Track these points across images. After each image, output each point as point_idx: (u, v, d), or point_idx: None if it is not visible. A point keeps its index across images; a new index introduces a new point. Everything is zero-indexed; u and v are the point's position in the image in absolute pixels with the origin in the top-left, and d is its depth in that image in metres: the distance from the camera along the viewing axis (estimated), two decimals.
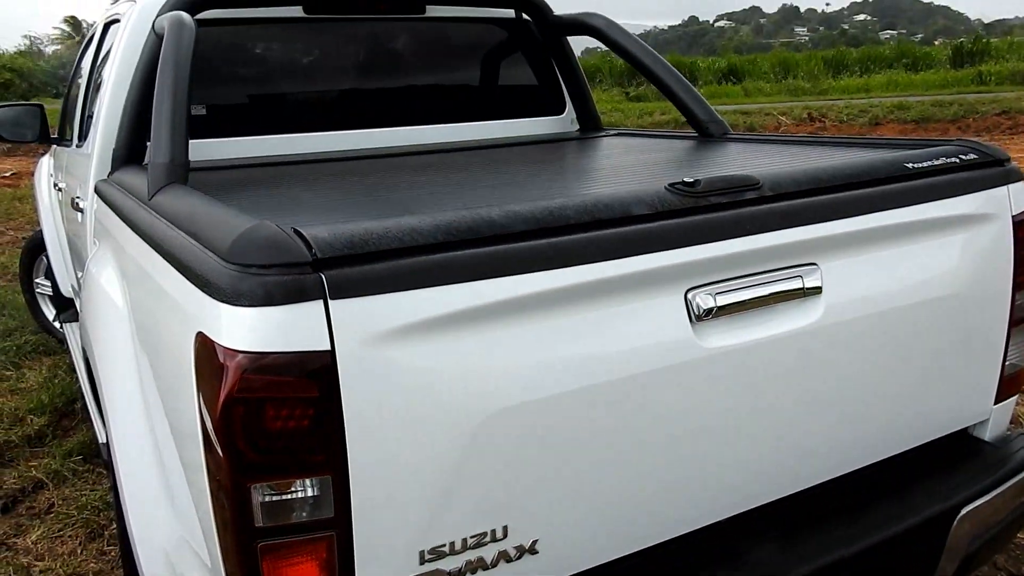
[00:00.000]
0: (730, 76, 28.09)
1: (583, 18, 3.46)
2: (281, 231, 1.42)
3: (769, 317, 1.75)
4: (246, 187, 2.46)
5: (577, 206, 1.63)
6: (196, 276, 1.49)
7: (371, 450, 1.42)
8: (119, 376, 2.05)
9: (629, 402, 1.62)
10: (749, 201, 1.77)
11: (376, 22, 3.45)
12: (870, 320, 1.87)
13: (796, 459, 1.88)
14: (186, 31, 2.42)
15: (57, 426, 4.10)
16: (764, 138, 3.21)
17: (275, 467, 1.40)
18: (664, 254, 1.62)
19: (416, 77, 3.64)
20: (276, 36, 3.37)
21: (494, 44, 3.76)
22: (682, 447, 1.70)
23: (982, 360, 2.11)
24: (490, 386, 1.49)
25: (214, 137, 3.03)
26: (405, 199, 2.12)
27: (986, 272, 2.03)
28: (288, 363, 1.35)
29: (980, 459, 2.16)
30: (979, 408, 2.17)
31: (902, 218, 1.90)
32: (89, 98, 3.47)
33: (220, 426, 1.38)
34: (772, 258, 1.75)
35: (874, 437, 2.00)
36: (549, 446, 1.56)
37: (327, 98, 3.47)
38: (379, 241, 1.43)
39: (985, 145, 2.15)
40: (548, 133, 3.70)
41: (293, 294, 1.35)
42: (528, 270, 1.50)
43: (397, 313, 1.41)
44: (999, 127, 15.81)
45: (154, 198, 2.04)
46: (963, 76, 24.24)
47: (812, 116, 17.14)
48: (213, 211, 1.68)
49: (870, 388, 1.93)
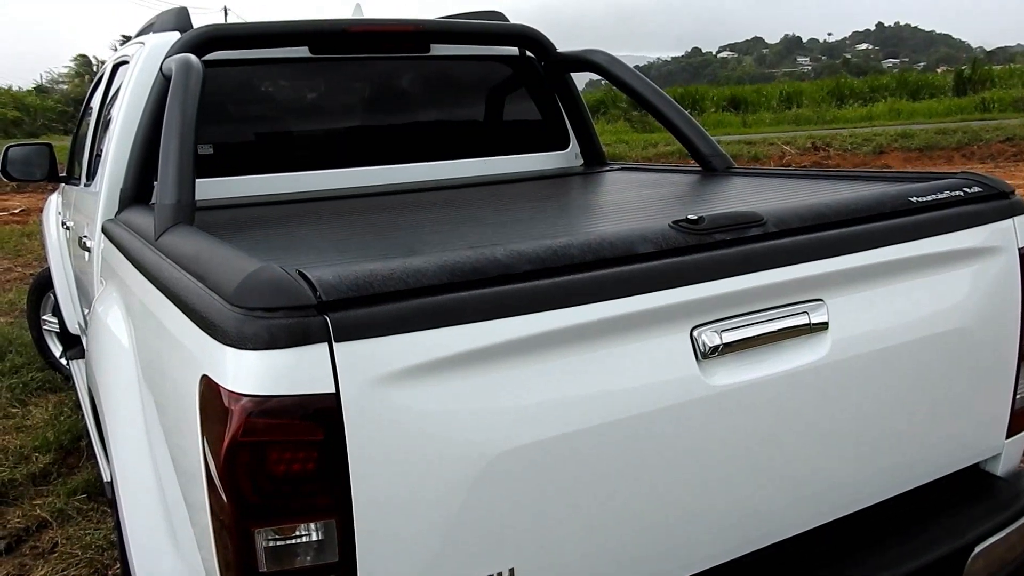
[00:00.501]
0: (733, 106, 28.21)
1: (585, 55, 3.49)
2: (286, 274, 1.42)
3: (776, 354, 1.74)
4: (252, 226, 2.47)
5: (581, 245, 1.63)
6: (201, 319, 1.50)
7: (375, 493, 1.41)
8: (124, 415, 2.05)
9: (636, 441, 1.61)
10: (753, 238, 1.77)
11: (381, 61, 3.49)
12: (877, 355, 1.86)
13: (805, 497, 1.87)
14: (193, 73, 2.45)
15: (62, 464, 4.09)
16: (767, 172, 3.22)
17: (279, 511, 1.40)
18: (669, 292, 1.62)
19: (421, 114, 3.67)
20: (283, 76, 3.40)
21: (498, 81, 3.79)
22: (689, 486, 1.69)
23: (992, 394, 2.09)
24: (496, 427, 1.48)
25: (221, 176, 3.05)
26: (410, 238, 2.12)
27: (994, 305, 2.03)
28: (292, 406, 1.35)
29: (993, 495, 2.13)
30: (991, 443, 2.15)
31: (908, 252, 1.90)
32: (98, 137, 3.50)
33: (224, 470, 1.38)
34: (778, 294, 1.75)
35: (884, 474, 1.98)
36: (556, 487, 1.55)
37: (333, 136, 3.50)
38: (384, 283, 1.43)
39: (989, 178, 2.15)
40: (552, 168, 3.72)
41: (298, 337, 1.35)
42: (533, 310, 1.50)
43: (402, 355, 1.41)
44: (1004, 154, 15.80)
45: (160, 238, 2.05)
46: (966, 104, 24.28)
47: (816, 145, 17.16)
48: (218, 252, 1.69)
49: (879, 424, 1.92)
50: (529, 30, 3.56)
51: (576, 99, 3.76)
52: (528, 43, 3.59)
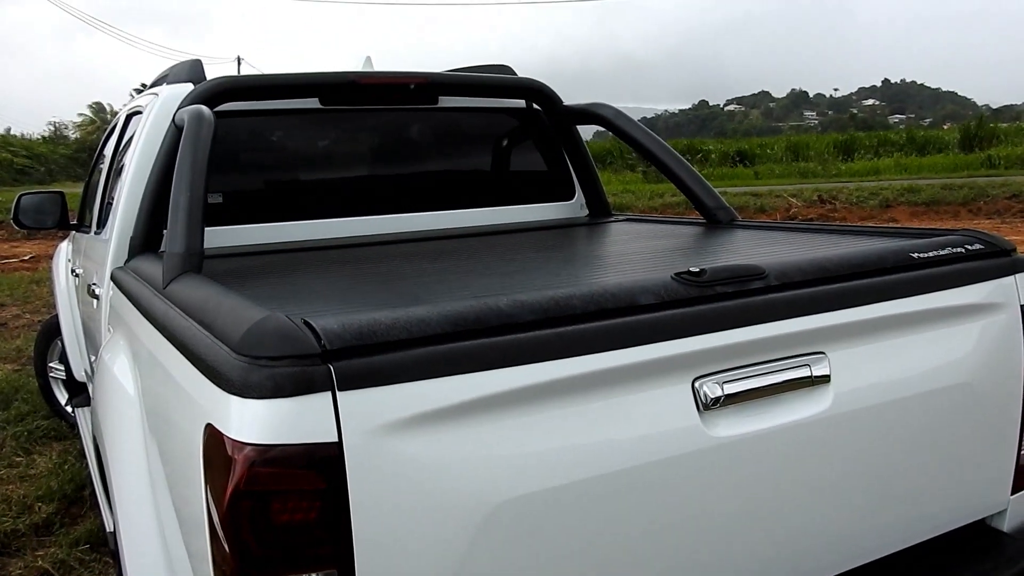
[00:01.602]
0: (741, 159, 28.41)
1: (591, 108, 3.54)
2: (291, 322, 1.44)
3: (777, 406, 1.74)
4: (259, 275, 2.49)
5: (584, 296, 1.64)
6: (207, 367, 1.51)
7: (378, 542, 1.41)
8: (128, 464, 2.05)
9: (637, 492, 1.60)
10: (755, 291, 1.78)
11: (390, 112, 3.54)
12: (880, 409, 1.86)
13: (807, 551, 1.85)
14: (205, 124, 2.49)
15: (65, 514, 4.06)
16: (771, 225, 3.24)
17: (281, 561, 1.40)
18: (671, 343, 1.63)
19: (429, 164, 3.71)
20: (293, 126, 3.45)
21: (505, 132, 3.84)
22: (691, 537, 1.68)
23: (996, 450, 2.09)
24: (498, 477, 1.48)
25: (231, 224, 3.09)
26: (415, 287, 2.14)
27: (997, 361, 2.03)
28: (296, 455, 1.35)
29: (999, 551, 2.11)
30: (996, 499, 2.13)
31: (909, 307, 1.91)
32: (109, 186, 3.54)
33: (227, 519, 1.38)
34: (779, 347, 1.75)
35: (887, 528, 1.96)
36: (558, 537, 1.54)
37: (341, 185, 3.54)
38: (387, 332, 1.45)
39: (991, 235, 2.17)
40: (558, 218, 3.75)
41: (302, 386, 1.36)
42: (535, 360, 1.51)
43: (405, 404, 1.42)
44: (1010, 210, 15.83)
45: (168, 287, 2.07)
46: (972, 160, 24.38)
47: (823, 198, 17.22)
48: (225, 301, 1.70)
49: (882, 478, 1.91)
50: (536, 83, 3.62)
51: (582, 150, 3.80)
52: (535, 96, 3.65)
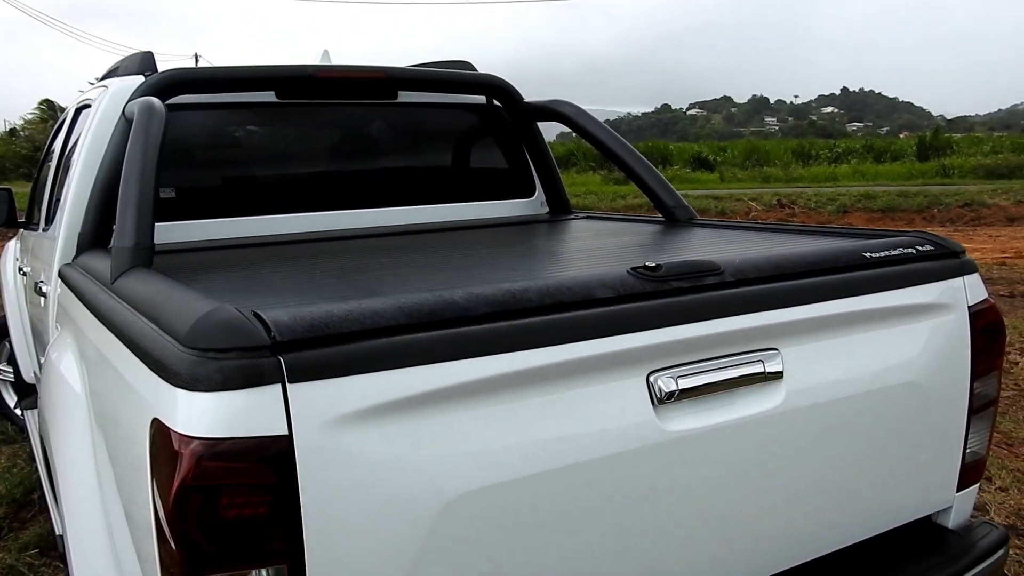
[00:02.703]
0: (703, 163, 28.70)
1: (552, 105, 3.54)
2: (240, 314, 1.41)
3: (731, 401, 1.75)
4: (211, 270, 2.45)
5: (539, 289, 1.63)
6: (153, 361, 1.47)
7: (329, 536, 1.39)
8: (75, 464, 2.00)
9: (592, 485, 1.60)
10: (710, 286, 1.79)
11: (348, 107, 3.51)
12: (831, 406, 1.87)
13: (757, 545, 1.86)
14: (156, 116, 2.44)
15: (14, 518, 3.97)
16: (728, 224, 3.26)
17: (229, 557, 1.37)
18: (626, 337, 1.63)
19: (388, 160, 3.69)
20: (248, 120, 3.40)
21: (465, 128, 3.83)
22: (644, 530, 1.68)
23: (943, 448, 2.11)
24: (451, 470, 1.47)
25: (183, 219, 3.03)
26: (371, 281, 2.12)
27: (945, 361, 2.05)
28: (245, 449, 1.33)
29: (944, 547, 2.14)
30: (942, 496, 2.16)
31: (861, 306, 1.93)
32: (58, 181, 3.47)
33: (173, 515, 1.35)
34: (733, 342, 1.76)
35: (836, 524, 1.98)
36: (511, 530, 1.53)
37: (298, 181, 3.50)
38: (340, 324, 1.43)
39: (941, 238, 2.20)
40: (518, 215, 3.74)
41: (251, 378, 1.33)
42: (490, 352, 1.50)
43: (357, 396, 1.40)
44: (962, 218, 16.20)
45: (116, 282, 2.03)
46: (928, 168, 24.91)
47: (782, 203, 17.47)
48: (174, 295, 1.67)
49: (831, 474, 1.92)
50: (496, 79, 3.62)
51: (542, 148, 3.80)
52: (495, 92, 3.64)
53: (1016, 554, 3.32)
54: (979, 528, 2.23)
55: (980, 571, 2.08)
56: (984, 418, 2.18)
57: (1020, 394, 5.37)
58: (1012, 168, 22.70)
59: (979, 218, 16.19)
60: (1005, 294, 8.67)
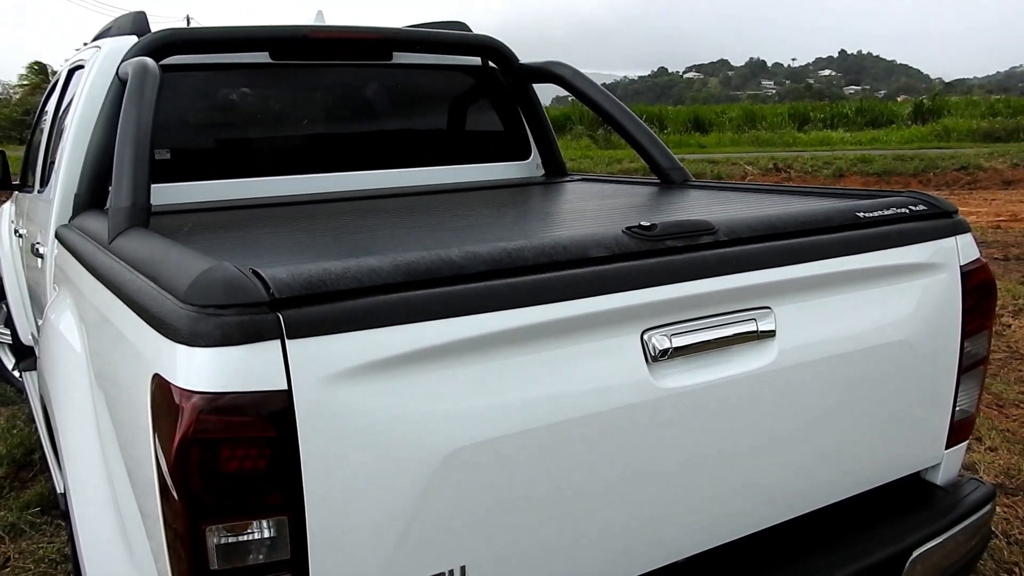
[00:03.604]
0: (698, 127, 28.55)
1: (548, 67, 3.53)
2: (239, 272, 1.42)
3: (724, 359, 1.77)
4: (209, 230, 2.46)
5: (535, 248, 1.65)
6: (153, 318, 1.49)
7: (328, 490, 1.41)
8: (76, 424, 2.02)
9: (586, 441, 1.62)
10: (704, 245, 1.80)
11: (343, 68, 3.48)
12: (822, 364, 1.90)
13: (749, 501, 1.89)
14: (150, 76, 2.43)
15: (15, 478, 4.01)
16: (723, 185, 3.27)
17: (230, 508, 1.39)
18: (620, 295, 1.64)
19: (383, 122, 3.67)
20: (243, 82, 3.38)
21: (461, 91, 3.81)
22: (638, 486, 1.71)
23: (933, 406, 2.14)
24: (448, 425, 1.49)
25: (179, 181, 3.03)
26: (367, 241, 2.13)
27: (936, 320, 2.07)
28: (245, 404, 1.35)
29: (932, 503, 2.18)
30: (931, 453, 2.20)
31: (854, 265, 1.95)
32: (52, 143, 3.45)
33: (175, 468, 1.37)
34: (727, 301, 1.78)
35: (827, 480, 2.01)
36: (506, 485, 1.56)
37: (294, 142, 3.49)
38: (338, 281, 1.44)
39: (934, 197, 2.21)
40: (513, 177, 3.74)
41: (250, 334, 1.35)
42: (486, 310, 1.52)
43: (355, 353, 1.42)
44: (958, 182, 16.18)
45: (114, 242, 2.03)
46: (924, 132, 24.80)
47: (778, 167, 17.43)
48: (172, 253, 1.68)
49: (822, 431, 1.95)
50: (491, 40, 3.59)
51: (538, 110, 3.79)
52: (490, 54, 3.62)
53: (1004, 511, 3.38)
54: (966, 485, 2.27)
55: (966, 526, 2.12)
56: (973, 377, 2.20)
57: (1012, 356, 5.42)
58: (1009, 131, 22.62)
59: (975, 182, 16.17)
60: (999, 257, 8.70)
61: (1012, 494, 3.54)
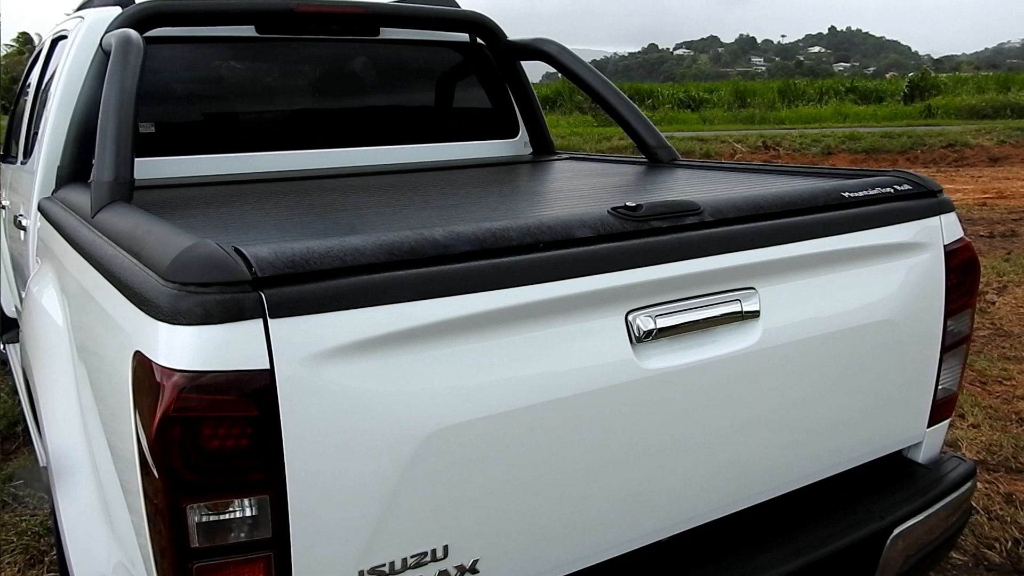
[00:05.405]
0: (688, 104, 28.51)
1: (536, 43, 3.51)
2: (221, 249, 1.41)
3: (708, 340, 1.77)
4: (192, 205, 2.44)
5: (520, 228, 1.64)
6: (135, 294, 1.48)
7: (310, 469, 1.41)
8: (58, 395, 2.02)
9: (570, 421, 1.63)
10: (690, 226, 1.80)
11: (330, 44, 3.45)
12: (806, 344, 1.91)
13: (734, 480, 1.91)
14: (133, 49, 2.40)
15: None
16: (710, 165, 3.26)
17: (211, 487, 1.39)
18: (605, 276, 1.64)
19: (370, 99, 3.65)
20: (228, 55, 3.35)
21: (448, 67, 3.78)
22: (622, 466, 1.72)
23: (915, 384, 2.16)
24: (431, 405, 1.49)
25: (163, 155, 3.00)
26: (352, 219, 2.12)
27: (919, 299, 2.08)
28: (226, 382, 1.34)
29: (914, 480, 2.21)
30: (913, 431, 2.22)
31: (838, 245, 1.95)
32: (35, 114, 3.42)
33: (156, 445, 1.36)
34: (711, 282, 1.78)
35: (811, 459, 2.03)
36: (489, 465, 1.56)
37: (279, 118, 3.46)
38: (321, 260, 1.43)
39: (919, 176, 2.21)
40: (501, 156, 3.73)
41: (232, 313, 1.34)
42: (470, 290, 1.51)
43: (338, 332, 1.41)
44: (945, 159, 16.24)
45: (97, 216, 2.02)
46: (912, 109, 24.85)
47: (767, 144, 17.44)
48: (154, 229, 1.67)
49: (807, 410, 1.96)
50: (479, 16, 3.57)
51: (526, 88, 3.77)
52: (478, 30, 3.59)
53: (984, 487, 3.42)
54: (948, 462, 2.30)
55: (947, 503, 2.15)
56: (956, 355, 2.22)
57: (996, 333, 5.47)
58: (996, 108, 22.68)
59: (962, 159, 16.24)
60: (985, 234, 8.76)
61: (993, 470, 3.58)
